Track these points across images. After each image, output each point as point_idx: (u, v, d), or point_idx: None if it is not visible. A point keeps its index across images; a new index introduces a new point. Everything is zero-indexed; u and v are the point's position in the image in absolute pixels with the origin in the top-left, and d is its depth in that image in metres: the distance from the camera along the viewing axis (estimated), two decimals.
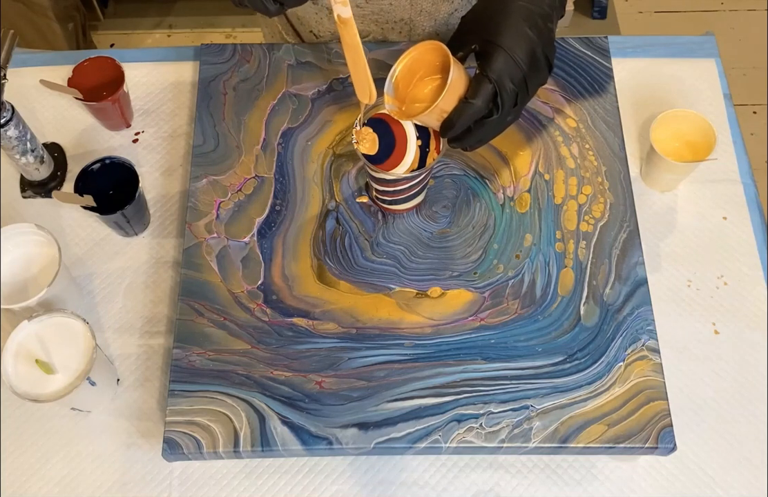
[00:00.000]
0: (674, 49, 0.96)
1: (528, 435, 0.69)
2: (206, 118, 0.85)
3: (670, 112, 0.84)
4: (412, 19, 0.90)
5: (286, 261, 0.77)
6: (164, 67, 0.95)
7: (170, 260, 0.83)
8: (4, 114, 0.78)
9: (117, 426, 0.75)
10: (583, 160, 0.82)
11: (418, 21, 0.91)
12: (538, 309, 0.74)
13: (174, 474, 0.74)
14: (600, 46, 0.89)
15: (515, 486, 0.73)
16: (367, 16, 0.90)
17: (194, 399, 0.70)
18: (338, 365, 0.72)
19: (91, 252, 0.84)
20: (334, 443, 0.69)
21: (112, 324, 0.80)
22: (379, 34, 0.93)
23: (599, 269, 0.76)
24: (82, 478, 0.73)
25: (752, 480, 0.73)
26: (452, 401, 0.70)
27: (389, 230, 0.79)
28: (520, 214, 0.79)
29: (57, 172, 0.88)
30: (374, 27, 0.92)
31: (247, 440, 0.69)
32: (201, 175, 0.82)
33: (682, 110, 0.84)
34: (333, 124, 0.85)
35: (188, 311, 0.74)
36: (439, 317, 0.74)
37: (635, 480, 0.73)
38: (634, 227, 0.78)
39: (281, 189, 0.81)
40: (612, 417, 0.69)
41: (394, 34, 0.93)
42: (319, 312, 0.75)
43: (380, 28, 0.92)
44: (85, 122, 0.92)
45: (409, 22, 0.90)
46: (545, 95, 0.86)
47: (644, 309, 0.74)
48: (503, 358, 0.72)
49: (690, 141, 0.85)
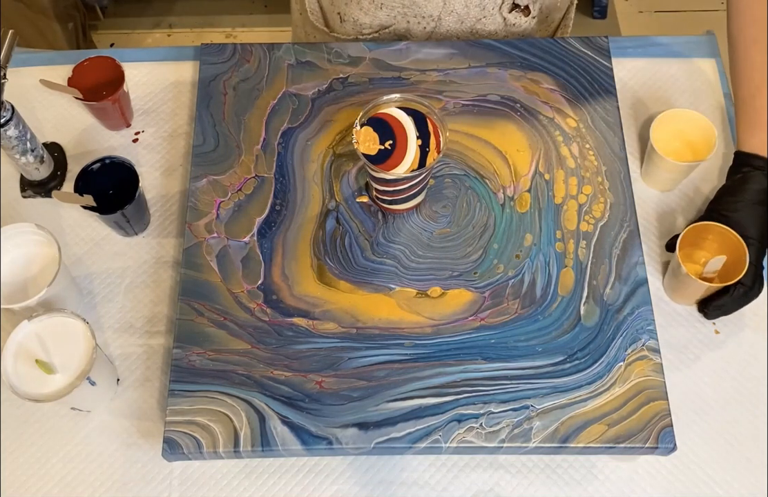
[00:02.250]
0: (674, 49, 0.96)
1: (528, 435, 0.69)
2: (206, 117, 0.85)
3: (670, 112, 0.84)
4: (441, 16, 0.90)
5: (286, 261, 0.77)
6: (164, 66, 0.95)
7: (170, 260, 0.83)
8: (4, 114, 0.78)
9: (117, 426, 0.75)
10: (584, 159, 0.82)
11: (446, 20, 0.91)
12: (539, 309, 0.74)
13: (174, 474, 0.74)
14: (600, 46, 0.89)
15: (515, 486, 0.73)
16: (396, 6, 0.90)
17: (194, 399, 0.70)
18: (338, 365, 0.72)
19: (91, 252, 0.84)
20: (334, 443, 0.69)
21: (112, 324, 0.80)
22: (403, 26, 0.93)
23: (599, 269, 0.76)
24: (82, 478, 0.73)
25: (752, 480, 0.73)
26: (452, 401, 0.70)
27: (389, 230, 0.79)
28: (520, 214, 0.79)
29: (57, 172, 0.88)
30: (400, 19, 0.91)
31: (247, 440, 0.69)
32: (201, 174, 0.82)
33: (682, 110, 0.84)
34: (333, 124, 0.85)
35: (188, 311, 0.74)
36: (439, 317, 0.74)
37: (635, 480, 0.73)
38: (635, 227, 0.78)
39: (281, 189, 0.81)
40: (612, 417, 0.69)
41: (418, 29, 0.93)
42: (319, 312, 0.75)
43: (406, 21, 0.92)
44: (85, 122, 0.92)
45: (437, 19, 0.90)
46: (545, 95, 0.86)
47: (644, 309, 0.74)
48: (503, 358, 0.72)
49: (690, 141, 0.85)
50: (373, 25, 0.93)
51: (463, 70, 0.87)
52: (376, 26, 0.93)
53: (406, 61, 0.88)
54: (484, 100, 0.86)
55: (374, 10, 0.91)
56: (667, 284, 0.80)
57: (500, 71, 0.87)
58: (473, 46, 0.89)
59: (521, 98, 0.86)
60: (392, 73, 0.87)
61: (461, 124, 0.84)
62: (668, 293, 0.80)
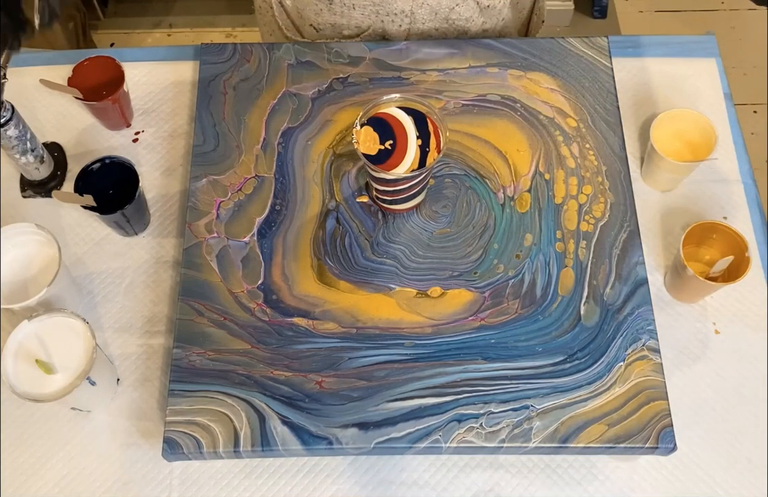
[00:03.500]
0: (674, 49, 0.96)
1: (528, 435, 0.69)
2: (206, 117, 0.85)
3: (670, 112, 0.84)
4: (413, 11, 0.90)
5: (287, 261, 0.77)
6: (164, 66, 0.95)
7: (170, 260, 0.83)
8: (4, 113, 0.78)
9: (117, 426, 0.75)
10: (584, 159, 0.82)
11: (419, 14, 0.91)
12: (539, 309, 0.74)
13: (174, 474, 0.74)
14: (600, 46, 0.89)
15: (515, 486, 0.73)
16: (368, 6, 0.90)
17: (194, 399, 0.70)
18: (338, 365, 0.72)
19: (91, 252, 0.84)
20: (334, 443, 0.69)
21: (112, 324, 0.80)
22: (379, 27, 0.93)
23: (599, 269, 0.76)
24: (82, 478, 0.73)
25: (752, 480, 0.73)
26: (452, 401, 0.70)
27: (389, 230, 0.79)
28: (520, 214, 0.79)
29: (57, 172, 0.88)
30: (374, 18, 0.91)
31: (247, 440, 0.69)
32: (201, 174, 0.82)
33: (682, 110, 0.84)
34: (333, 124, 0.85)
35: (188, 311, 0.74)
36: (439, 317, 0.74)
37: (635, 480, 0.73)
38: (635, 227, 0.78)
39: (281, 188, 0.81)
40: (612, 417, 0.69)
41: (394, 27, 0.93)
42: (319, 312, 0.75)
43: (380, 20, 0.92)
44: (85, 122, 0.92)
45: (410, 14, 0.90)
46: (546, 95, 0.86)
47: (644, 309, 0.74)
48: (503, 358, 0.72)
49: (690, 140, 0.85)
50: (350, 25, 0.93)
51: (463, 70, 0.87)
52: (353, 27, 0.93)
53: (406, 61, 0.88)
54: (484, 100, 0.86)
55: (348, 11, 0.91)
56: (669, 283, 0.80)
57: (500, 71, 0.87)
58: (473, 45, 0.89)
59: (521, 98, 0.86)
60: (392, 73, 0.87)
61: (461, 123, 0.84)
62: (671, 292, 0.80)
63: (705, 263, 0.79)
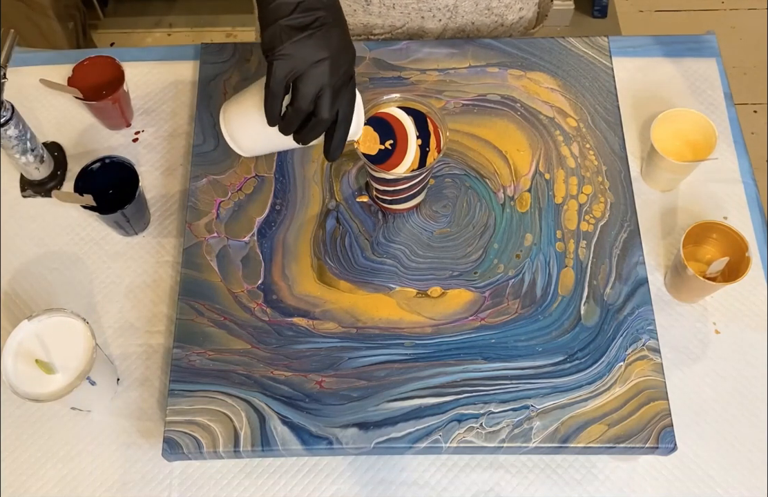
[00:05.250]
0: (675, 49, 0.96)
1: (528, 435, 0.69)
2: (206, 117, 0.85)
3: (670, 112, 0.84)
4: (456, 4, 0.89)
5: (286, 261, 0.77)
6: (164, 66, 0.95)
7: (170, 260, 0.83)
8: (4, 113, 0.78)
9: (117, 426, 0.75)
10: (584, 159, 0.82)
11: (462, 6, 0.90)
12: (539, 309, 0.74)
13: (174, 474, 0.74)
14: (600, 46, 0.89)
15: (515, 486, 0.73)
16: (409, 3, 0.89)
17: (194, 398, 0.70)
18: (338, 365, 0.72)
19: (91, 252, 0.84)
20: (334, 443, 0.69)
21: (112, 324, 0.80)
22: (416, 24, 0.92)
23: (600, 269, 0.76)
24: (82, 478, 0.73)
25: (752, 480, 0.73)
26: (452, 401, 0.70)
27: (389, 230, 0.79)
28: (520, 214, 0.79)
29: (57, 172, 0.88)
30: (414, 16, 0.91)
31: (247, 440, 0.69)
32: (201, 174, 0.82)
33: (682, 109, 0.84)
34: None
35: (188, 311, 0.74)
36: (439, 317, 0.74)
37: (635, 480, 0.73)
38: (635, 227, 0.78)
39: (281, 188, 0.81)
40: (612, 417, 0.69)
41: (432, 23, 0.92)
42: (319, 312, 0.75)
43: (420, 17, 0.91)
44: (85, 121, 0.92)
45: (452, 8, 0.90)
46: (546, 95, 0.86)
47: (645, 309, 0.74)
48: (503, 358, 0.72)
49: (690, 140, 0.85)
50: (384, 26, 0.93)
51: (463, 70, 0.87)
52: (387, 27, 0.93)
53: (406, 60, 0.88)
54: (484, 100, 0.86)
55: (386, 11, 0.90)
56: (669, 283, 0.80)
57: (500, 71, 0.87)
58: (473, 45, 0.89)
59: (521, 98, 0.86)
60: (392, 73, 0.87)
61: (461, 123, 0.84)
62: (671, 292, 0.80)
63: (705, 263, 0.79)
